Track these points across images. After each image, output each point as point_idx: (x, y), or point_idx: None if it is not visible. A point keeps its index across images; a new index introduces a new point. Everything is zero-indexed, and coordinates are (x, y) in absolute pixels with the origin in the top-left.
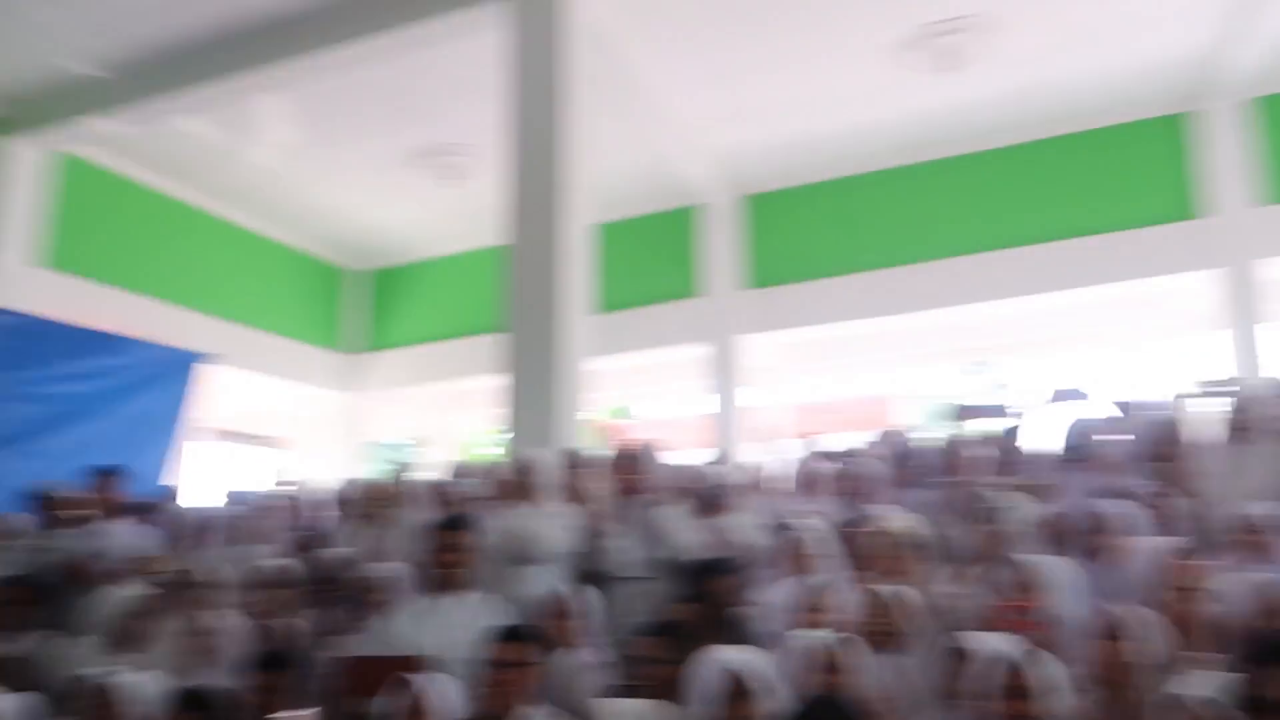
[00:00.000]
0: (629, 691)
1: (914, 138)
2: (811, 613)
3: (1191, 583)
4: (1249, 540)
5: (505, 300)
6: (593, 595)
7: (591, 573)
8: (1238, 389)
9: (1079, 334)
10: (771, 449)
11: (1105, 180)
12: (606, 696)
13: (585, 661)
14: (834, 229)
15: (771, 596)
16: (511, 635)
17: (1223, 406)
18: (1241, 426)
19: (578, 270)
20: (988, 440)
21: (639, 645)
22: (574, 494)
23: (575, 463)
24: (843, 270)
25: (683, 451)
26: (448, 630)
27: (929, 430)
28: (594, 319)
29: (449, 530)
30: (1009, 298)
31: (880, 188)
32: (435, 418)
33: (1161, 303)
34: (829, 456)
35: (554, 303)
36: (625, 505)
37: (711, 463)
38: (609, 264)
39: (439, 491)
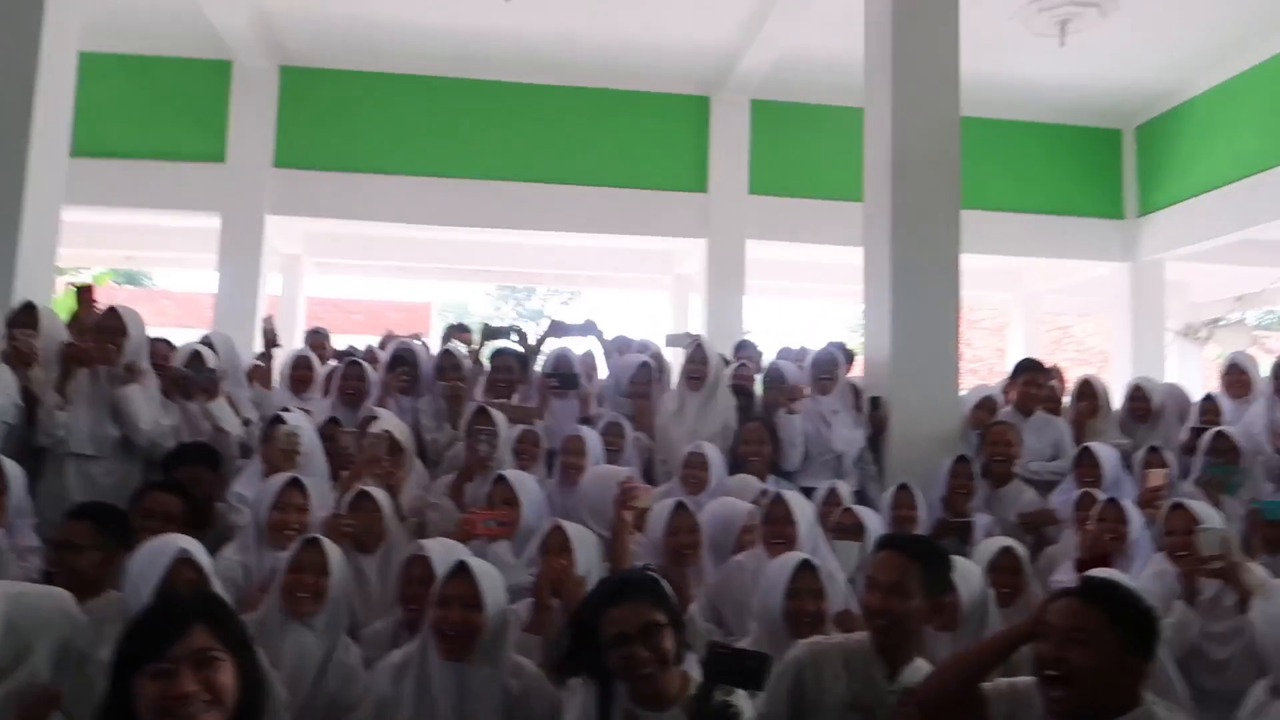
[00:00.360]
0: (47, 578)
1: (470, 51)
2: (284, 510)
3: (635, 505)
4: (689, 474)
5: None
6: (14, 470)
7: (25, 447)
8: (702, 344)
9: (600, 275)
10: (277, 339)
11: (637, 140)
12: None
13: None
14: (377, 123)
15: (245, 489)
16: None
17: (689, 358)
18: (698, 376)
19: (56, 98)
20: (491, 358)
21: (62, 529)
22: (15, 355)
23: (25, 320)
24: (381, 168)
25: (183, 328)
26: None
27: (442, 343)
28: (86, 162)
29: None
30: (538, 230)
31: (429, 93)
32: None
33: (670, 260)
34: (331, 355)
35: (22, 132)
36: (83, 375)
37: (203, 344)
38: (118, 102)
39: None
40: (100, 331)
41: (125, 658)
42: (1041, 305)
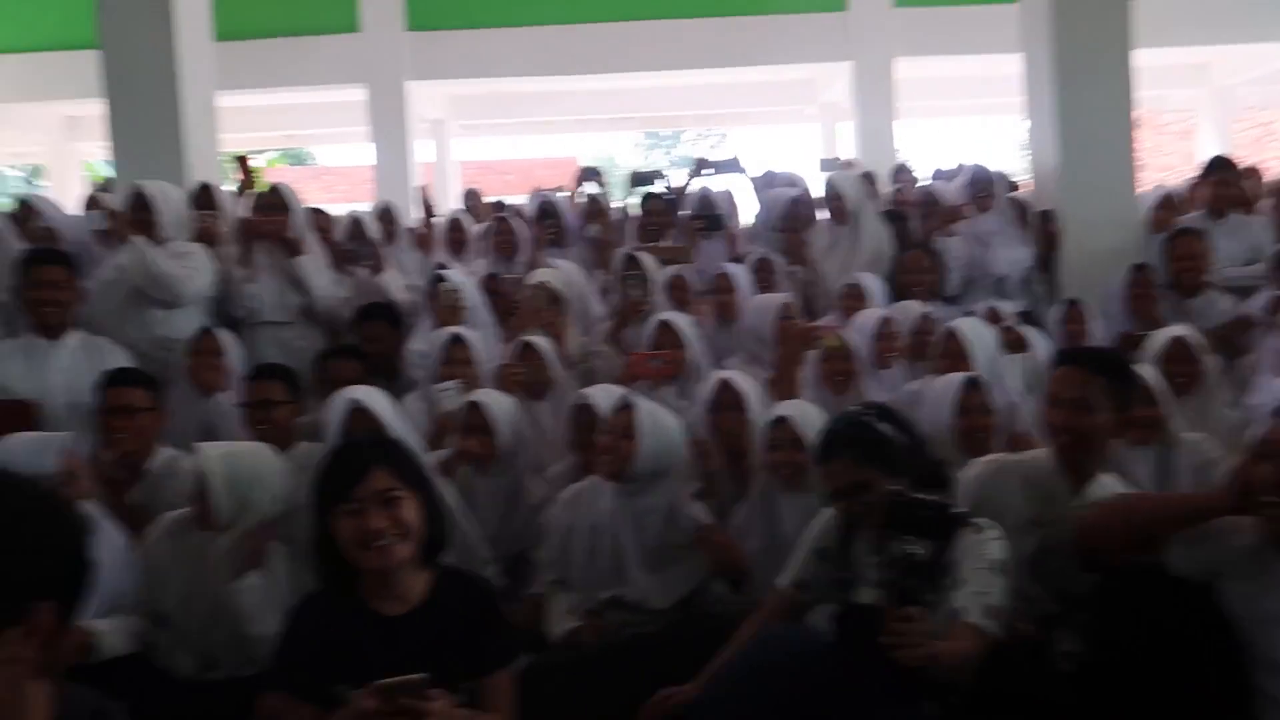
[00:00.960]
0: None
1: None
2: (451, 365)
3: (826, 344)
4: (848, 305)
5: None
6: (230, 338)
7: (224, 316)
8: (831, 180)
9: (744, 112)
10: (434, 208)
11: None
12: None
13: (224, 404)
14: None
15: (418, 345)
16: (124, 379)
17: (838, 188)
18: (835, 211)
19: None
20: (641, 204)
21: (255, 389)
22: (204, 234)
23: (205, 201)
24: (513, 21)
25: (350, 203)
26: (50, 374)
27: (575, 184)
28: (229, 46)
29: (41, 264)
30: (674, 70)
31: None
32: (52, 143)
33: (814, 88)
34: (488, 212)
35: (164, 17)
36: (261, 249)
37: (367, 214)
38: None
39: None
40: (268, 209)
41: (320, 500)
42: (1235, 100)
